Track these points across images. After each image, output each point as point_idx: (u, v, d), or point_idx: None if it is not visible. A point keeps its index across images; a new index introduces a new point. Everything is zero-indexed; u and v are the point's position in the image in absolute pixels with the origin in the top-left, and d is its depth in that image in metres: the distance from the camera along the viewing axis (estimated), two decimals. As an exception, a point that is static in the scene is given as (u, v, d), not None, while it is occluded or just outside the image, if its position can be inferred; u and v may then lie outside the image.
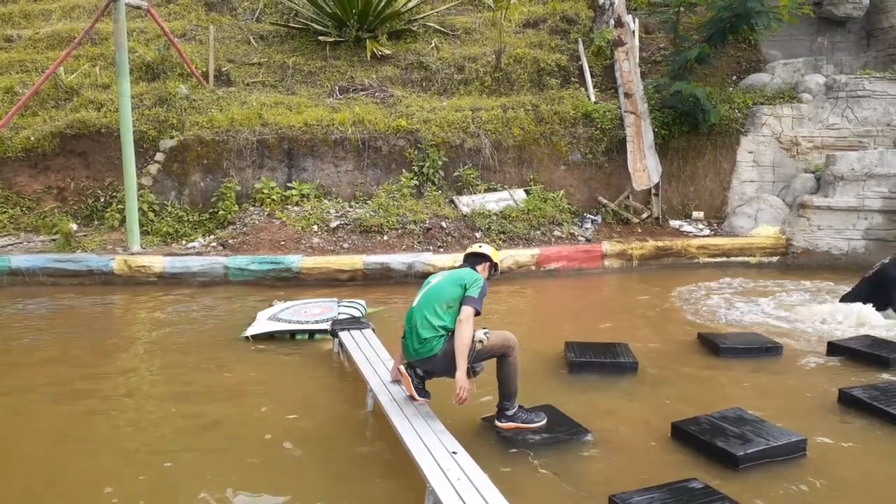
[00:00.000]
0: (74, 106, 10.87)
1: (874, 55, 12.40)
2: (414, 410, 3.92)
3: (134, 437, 4.16)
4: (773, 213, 10.17)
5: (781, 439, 3.77)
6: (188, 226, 9.79)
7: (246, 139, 10.12)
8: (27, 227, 9.82)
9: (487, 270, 4.21)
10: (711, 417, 4.07)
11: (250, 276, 8.37)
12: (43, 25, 13.28)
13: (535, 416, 4.14)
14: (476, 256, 4.22)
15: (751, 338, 5.91)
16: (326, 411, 4.56)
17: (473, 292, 3.88)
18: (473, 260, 4.22)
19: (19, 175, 10.23)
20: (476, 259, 4.21)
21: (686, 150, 10.92)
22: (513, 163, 10.76)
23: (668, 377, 5.17)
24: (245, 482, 3.58)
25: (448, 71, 12.13)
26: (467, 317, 3.79)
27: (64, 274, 8.39)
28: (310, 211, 9.69)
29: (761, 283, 8.53)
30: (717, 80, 11.87)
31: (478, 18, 13.53)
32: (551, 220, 10.00)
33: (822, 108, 10.75)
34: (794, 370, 5.32)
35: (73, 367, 5.43)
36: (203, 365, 5.50)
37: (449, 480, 3.10)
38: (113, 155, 9.93)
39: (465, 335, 3.76)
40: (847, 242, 9.33)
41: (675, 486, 3.27)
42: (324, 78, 11.99)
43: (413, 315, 3.99)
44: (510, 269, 8.90)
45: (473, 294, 3.87)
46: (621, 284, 8.62)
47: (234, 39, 12.82)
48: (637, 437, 4.13)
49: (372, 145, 10.37)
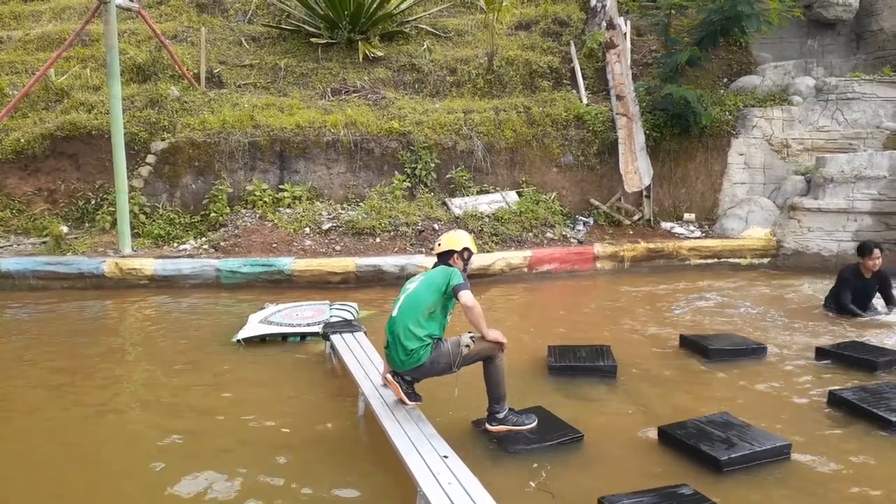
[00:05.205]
0: (65, 108, 10.84)
1: (864, 58, 12.50)
2: (405, 414, 3.92)
3: (119, 439, 4.15)
4: (764, 214, 10.23)
5: (766, 443, 3.80)
6: (180, 228, 9.76)
7: (238, 141, 10.10)
8: (17, 230, 9.77)
9: (460, 259, 4.20)
10: (698, 422, 4.09)
11: (242, 279, 8.35)
12: (33, 27, 13.22)
13: (525, 419, 4.15)
14: (443, 254, 4.20)
15: (736, 339, 5.92)
16: (317, 415, 4.55)
17: (456, 281, 3.90)
18: (443, 258, 4.20)
19: (9, 177, 10.17)
20: (444, 256, 4.19)
21: (677, 153, 10.97)
22: (505, 165, 10.78)
23: (655, 380, 5.18)
24: (235, 486, 3.58)
25: (440, 73, 12.14)
26: (467, 300, 3.83)
27: (54, 277, 8.35)
28: (302, 213, 9.68)
29: (751, 284, 8.57)
30: (708, 83, 11.93)
31: (470, 20, 13.55)
32: (543, 221, 10.02)
33: (813, 111, 10.82)
34: (780, 372, 5.33)
35: (59, 373, 5.41)
36: (193, 369, 5.48)
37: (440, 484, 3.10)
38: (104, 157, 9.89)
39: (476, 311, 3.87)
40: (837, 244, 9.38)
41: (666, 490, 3.29)
42: (316, 80, 11.98)
43: (395, 325, 3.97)
44: (502, 272, 8.91)
45: (457, 281, 3.90)
46: (612, 286, 8.64)
47: (226, 41, 12.79)
48: (625, 440, 4.14)
49: (364, 147, 10.37)
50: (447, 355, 3.96)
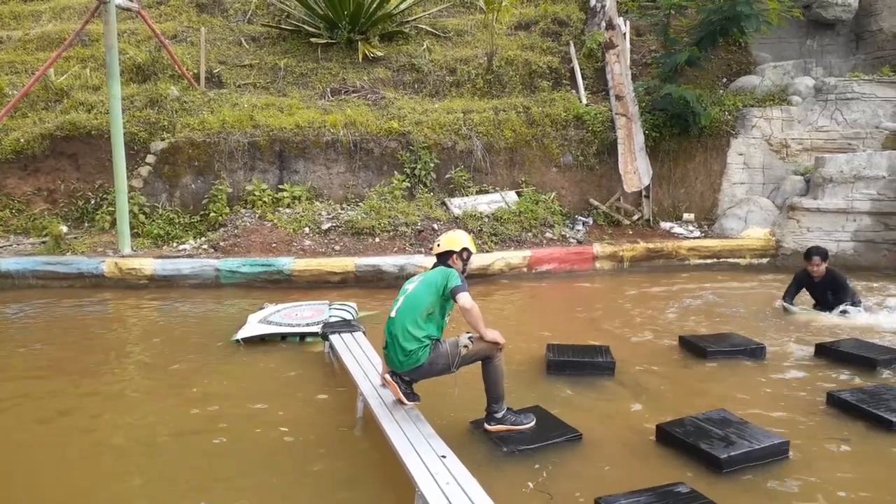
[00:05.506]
0: (65, 108, 10.85)
1: (863, 58, 12.50)
2: (403, 414, 3.93)
3: (120, 440, 4.16)
4: (763, 214, 10.23)
5: (764, 442, 3.80)
6: (179, 228, 9.77)
7: (237, 141, 10.11)
8: (17, 230, 9.78)
9: (459, 260, 4.18)
10: (696, 419, 4.10)
11: (241, 279, 8.36)
12: (33, 27, 13.23)
13: (524, 418, 4.16)
14: (442, 255, 4.19)
15: (734, 339, 5.92)
16: (316, 415, 4.56)
17: (454, 282, 3.90)
18: (442, 258, 4.19)
19: (9, 177, 10.18)
20: (443, 257, 4.18)
21: (676, 153, 10.97)
22: (504, 165, 10.79)
23: (653, 379, 5.18)
24: (233, 486, 3.58)
25: (440, 73, 12.15)
26: (465, 302, 3.84)
27: (54, 276, 8.36)
28: (301, 213, 9.68)
29: (750, 284, 8.58)
30: (708, 83, 11.93)
31: (469, 20, 13.56)
32: (543, 221, 10.03)
33: (812, 111, 10.82)
34: (778, 372, 5.34)
35: (57, 373, 5.41)
36: (193, 369, 5.48)
37: (438, 484, 3.11)
38: (103, 157, 9.90)
39: (474, 312, 3.88)
40: (836, 244, 9.38)
41: (662, 489, 3.29)
42: (315, 80, 11.99)
43: (393, 326, 3.97)
44: (502, 272, 8.92)
45: (455, 283, 3.90)
46: (611, 286, 8.64)
47: (226, 41, 12.80)
48: (623, 439, 4.14)
49: (364, 147, 10.38)
50: (446, 356, 3.96)
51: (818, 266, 6.82)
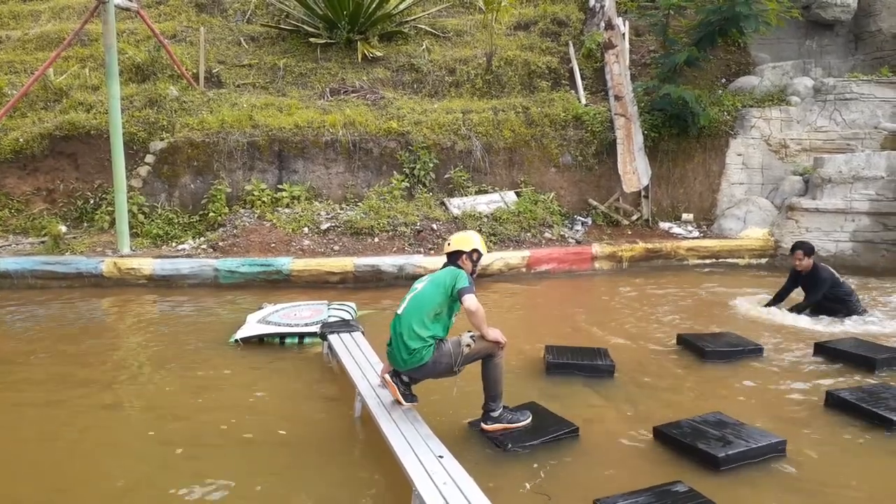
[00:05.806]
0: (64, 107, 10.85)
1: (862, 58, 12.52)
2: (401, 414, 3.93)
3: (116, 439, 4.16)
4: (762, 215, 10.24)
5: (761, 441, 3.81)
6: (178, 228, 9.77)
7: (236, 141, 10.11)
8: (16, 230, 9.78)
9: (469, 261, 4.19)
10: (693, 421, 4.11)
11: (240, 279, 8.35)
12: (32, 26, 13.23)
13: (520, 416, 4.17)
14: (452, 255, 4.20)
15: (732, 339, 5.93)
16: (314, 415, 4.56)
17: (461, 284, 3.91)
18: (452, 258, 4.20)
19: (8, 177, 10.18)
20: (454, 257, 4.19)
21: (675, 153, 10.98)
22: (503, 165, 10.79)
23: (652, 379, 5.19)
24: (230, 486, 3.59)
25: (439, 73, 12.15)
26: (471, 304, 3.84)
27: (53, 276, 8.35)
28: (300, 213, 9.68)
29: (749, 284, 8.57)
30: (707, 83, 11.94)
31: (469, 21, 13.56)
32: (542, 222, 10.03)
33: (811, 111, 10.83)
34: (777, 372, 5.34)
35: (55, 371, 5.41)
36: (190, 369, 5.48)
37: (435, 484, 3.11)
38: (103, 157, 9.90)
39: (479, 315, 3.89)
40: (835, 244, 9.39)
41: (660, 489, 3.30)
42: (315, 80, 11.99)
43: (399, 324, 3.98)
44: (501, 272, 8.92)
45: (463, 284, 3.90)
46: (610, 286, 8.64)
47: (225, 41, 12.81)
48: (620, 440, 4.15)
49: (363, 147, 10.38)
50: (449, 355, 3.97)
51: (800, 260, 6.83)
